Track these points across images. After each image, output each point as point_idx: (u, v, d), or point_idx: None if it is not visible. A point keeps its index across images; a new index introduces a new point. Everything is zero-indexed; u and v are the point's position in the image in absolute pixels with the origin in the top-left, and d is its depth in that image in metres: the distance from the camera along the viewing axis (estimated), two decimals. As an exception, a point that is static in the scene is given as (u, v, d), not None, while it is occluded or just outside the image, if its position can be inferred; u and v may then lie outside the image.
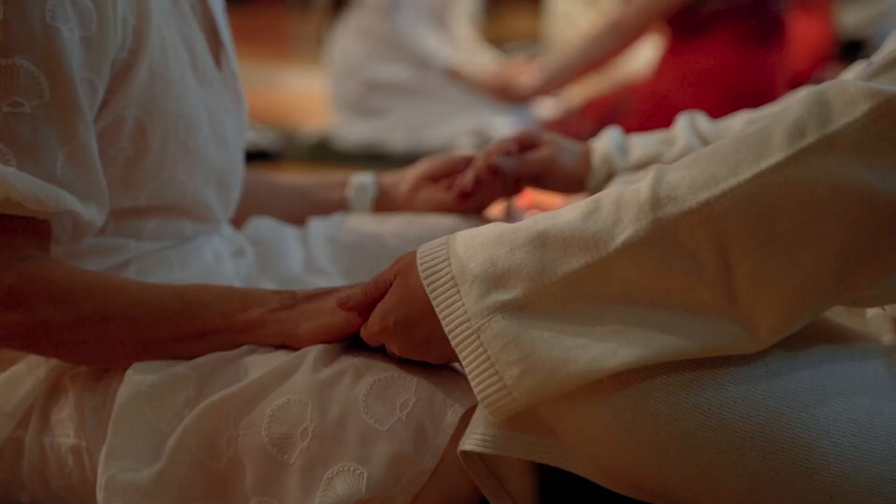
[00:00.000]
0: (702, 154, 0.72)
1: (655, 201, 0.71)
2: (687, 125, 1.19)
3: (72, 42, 0.84)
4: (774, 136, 0.69)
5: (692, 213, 0.70)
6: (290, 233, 1.17)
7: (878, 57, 0.84)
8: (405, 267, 0.81)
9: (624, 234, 0.71)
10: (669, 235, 0.70)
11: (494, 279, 0.74)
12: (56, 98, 0.84)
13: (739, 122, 1.18)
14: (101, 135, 0.90)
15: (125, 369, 0.87)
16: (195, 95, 0.97)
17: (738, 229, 0.69)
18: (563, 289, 0.73)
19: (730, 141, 0.72)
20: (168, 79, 0.93)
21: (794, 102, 0.71)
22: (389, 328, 0.81)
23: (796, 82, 3.76)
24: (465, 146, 2.73)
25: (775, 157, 0.69)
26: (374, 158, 2.85)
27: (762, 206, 0.69)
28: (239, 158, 1.08)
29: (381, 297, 0.83)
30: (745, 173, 0.69)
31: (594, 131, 2.47)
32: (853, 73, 1.09)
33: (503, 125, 2.80)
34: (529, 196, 1.75)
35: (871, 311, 0.85)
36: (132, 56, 0.90)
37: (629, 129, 2.40)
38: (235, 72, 1.07)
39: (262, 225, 1.18)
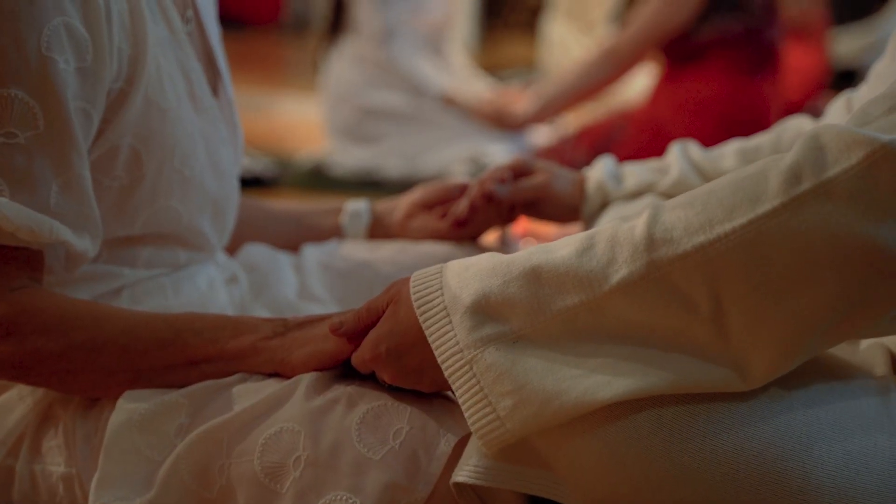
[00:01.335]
0: (698, 194, 0.72)
1: (650, 242, 0.71)
2: (680, 153, 1.19)
3: (67, 73, 0.84)
4: (770, 181, 0.69)
5: (687, 256, 0.70)
6: (284, 259, 1.17)
7: (865, 93, 0.85)
8: (398, 295, 0.81)
9: (618, 274, 0.71)
10: (664, 277, 0.70)
11: (487, 311, 0.74)
12: (50, 129, 0.84)
13: (731, 150, 1.18)
14: (95, 164, 0.90)
15: (117, 398, 0.86)
16: (191, 124, 0.97)
17: (732, 273, 0.69)
18: (557, 324, 0.73)
19: (726, 182, 0.72)
20: (164, 107, 0.93)
21: (787, 138, 0.71)
22: (381, 356, 0.81)
23: (791, 111, 3.79)
24: (460, 173, 2.74)
25: (771, 202, 0.69)
26: (370, 185, 2.85)
27: (757, 251, 0.69)
28: (234, 186, 1.08)
29: (374, 323, 0.83)
30: (741, 218, 0.69)
31: (589, 158, 2.49)
32: (840, 106, 1.10)
33: (498, 152, 2.80)
34: (524, 224, 1.75)
35: (866, 342, 0.85)
36: (128, 85, 0.90)
37: (624, 157, 2.41)
38: (232, 100, 1.07)
39: (256, 251, 1.18)
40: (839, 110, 1.10)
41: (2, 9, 0.81)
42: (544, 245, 0.77)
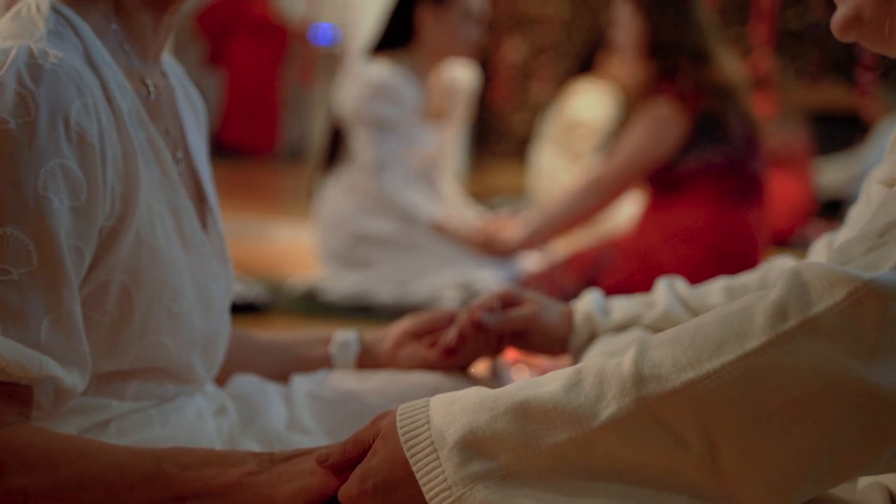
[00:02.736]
0: (684, 330, 0.73)
1: (638, 378, 0.71)
2: (667, 288, 1.21)
3: (62, 212, 0.86)
4: (756, 318, 0.70)
5: (676, 392, 0.70)
6: (273, 390, 1.17)
7: (845, 237, 0.86)
8: (384, 428, 0.81)
9: (607, 410, 0.71)
10: (653, 414, 0.70)
11: (475, 447, 0.74)
12: (44, 266, 0.85)
13: (718, 287, 1.20)
14: (86, 299, 0.91)
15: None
16: (180, 261, 0.99)
17: (723, 411, 0.69)
18: (547, 460, 0.72)
19: (712, 318, 0.73)
20: (154, 245, 0.95)
21: (773, 277, 0.72)
22: (368, 491, 0.80)
23: (779, 239, 3.85)
24: (450, 299, 2.75)
25: (759, 339, 0.69)
26: (362, 310, 2.86)
27: (747, 388, 0.69)
28: (225, 320, 1.09)
29: (360, 455, 0.82)
30: (729, 355, 0.70)
31: (578, 285, 2.51)
32: (823, 247, 1.12)
33: (488, 279, 2.82)
34: (515, 353, 1.75)
35: (864, 481, 0.84)
36: (119, 223, 0.92)
37: (612, 284, 2.42)
38: (222, 235, 1.09)
39: (246, 382, 1.18)
40: (822, 251, 1.12)
41: (1, 152, 0.84)
42: (532, 379, 0.77)
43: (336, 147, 3.03)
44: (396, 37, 2.94)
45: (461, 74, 3.12)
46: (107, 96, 0.93)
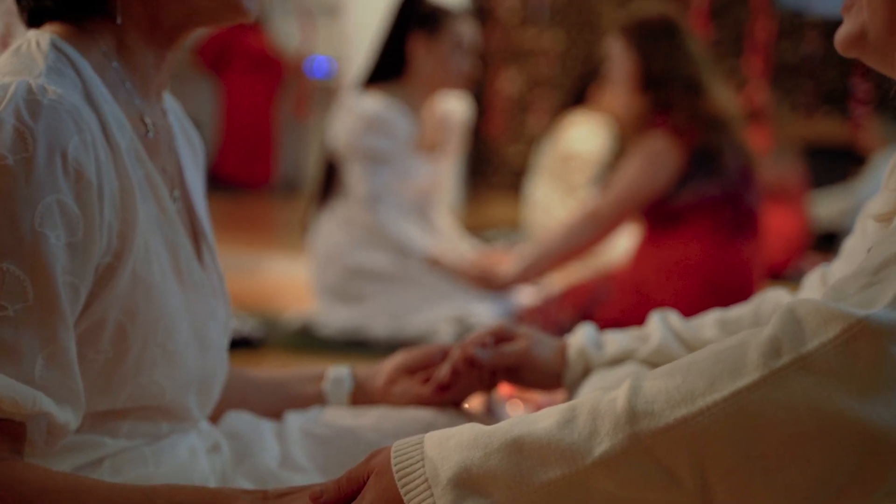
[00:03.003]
0: (678, 366, 0.73)
1: (632, 415, 0.71)
2: (660, 321, 1.21)
3: (58, 248, 0.86)
4: (750, 354, 0.70)
5: (669, 429, 0.70)
6: (266, 427, 1.16)
7: (838, 268, 0.86)
8: (379, 465, 0.81)
9: (601, 446, 0.71)
10: (646, 451, 0.70)
11: (469, 484, 0.74)
12: (39, 302, 0.85)
13: (711, 320, 1.20)
14: (81, 337, 0.91)
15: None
16: (176, 299, 0.99)
17: (716, 448, 0.69)
18: (541, 497, 0.72)
19: (706, 355, 0.73)
20: (150, 282, 0.95)
21: (766, 310, 0.72)
22: (363, 529, 0.79)
23: (774, 272, 3.86)
24: (445, 333, 2.74)
25: (752, 375, 0.69)
26: (356, 345, 2.85)
27: (740, 425, 0.69)
28: (222, 359, 1.09)
29: (355, 493, 0.82)
30: (723, 391, 0.70)
31: (574, 319, 2.50)
32: (816, 279, 1.12)
33: (483, 313, 2.82)
34: (510, 387, 1.75)
35: None
36: (115, 260, 0.92)
37: (608, 318, 2.41)
38: (221, 273, 1.09)
39: (239, 419, 1.17)
40: (815, 283, 1.13)
41: None
42: (526, 416, 0.77)
43: (330, 180, 3.03)
44: (389, 69, 2.95)
45: (455, 106, 3.13)
46: (105, 133, 0.93)
